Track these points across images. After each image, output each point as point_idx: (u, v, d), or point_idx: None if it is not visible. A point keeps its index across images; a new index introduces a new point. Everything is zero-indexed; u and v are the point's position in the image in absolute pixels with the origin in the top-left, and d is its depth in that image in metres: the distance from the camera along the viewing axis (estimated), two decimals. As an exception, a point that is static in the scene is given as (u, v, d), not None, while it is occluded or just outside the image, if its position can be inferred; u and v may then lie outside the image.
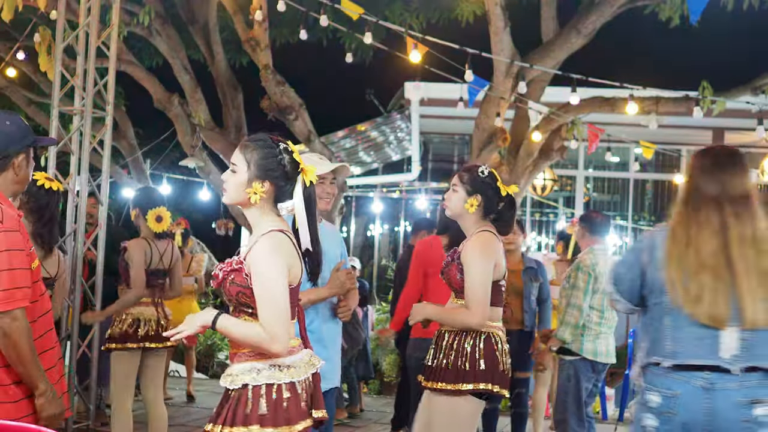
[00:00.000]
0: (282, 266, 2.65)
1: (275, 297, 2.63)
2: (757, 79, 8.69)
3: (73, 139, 6.50)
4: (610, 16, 8.87)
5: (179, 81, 10.52)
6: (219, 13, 10.44)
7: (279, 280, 2.64)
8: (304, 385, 2.73)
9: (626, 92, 8.53)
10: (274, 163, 2.75)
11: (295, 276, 2.75)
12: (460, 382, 3.67)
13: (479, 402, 3.76)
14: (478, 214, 3.81)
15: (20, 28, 9.38)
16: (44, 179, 4.42)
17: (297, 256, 2.76)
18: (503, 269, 3.84)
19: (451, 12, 10.51)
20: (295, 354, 2.74)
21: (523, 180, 9.60)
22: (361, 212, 18.31)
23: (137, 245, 5.15)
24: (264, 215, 2.78)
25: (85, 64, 6.54)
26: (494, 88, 8.84)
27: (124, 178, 12.11)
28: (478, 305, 3.67)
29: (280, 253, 2.67)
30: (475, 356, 3.69)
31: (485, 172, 3.82)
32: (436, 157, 16.84)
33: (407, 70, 9.46)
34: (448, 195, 3.89)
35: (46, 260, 4.41)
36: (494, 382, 3.69)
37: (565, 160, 12.89)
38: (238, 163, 2.77)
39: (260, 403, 2.65)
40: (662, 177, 16.26)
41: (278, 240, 2.70)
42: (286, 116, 9.53)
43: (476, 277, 3.69)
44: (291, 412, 2.66)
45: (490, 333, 3.74)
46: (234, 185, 2.77)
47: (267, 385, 2.66)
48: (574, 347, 5.47)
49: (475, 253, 3.72)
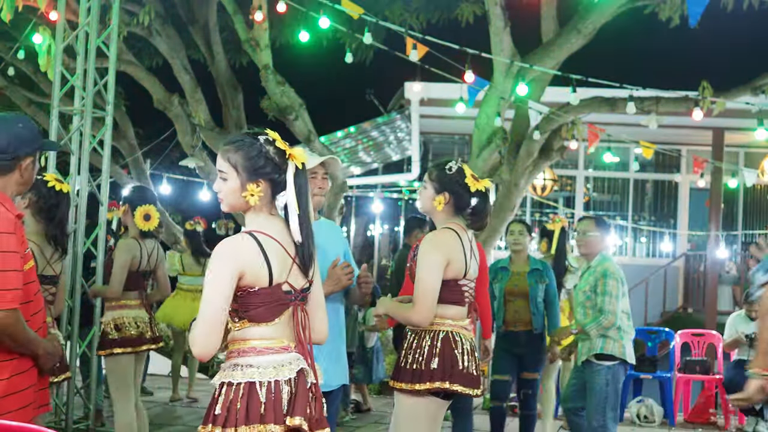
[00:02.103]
0: (225, 271, 2.58)
1: (205, 301, 2.58)
2: (757, 79, 8.69)
3: (73, 139, 6.50)
4: (610, 16, 8.86)
5: (179, 81, 10.52)
6: (219, 13, 10.45)
7: (213, 285, 2.57)
8: (271, 387, 2.60)
9: (626, 92, 8.52)
10: (261, 160, 2.67)
11: (256, 279, 2.64)
12: (416, 381, 3.61)
13: (440, 402, 3.68)
14: (448, 211, 3.75)
15: (20, 28, 9.38)
16: (54, 180, 4.43)
17: (262, 257, 2.64)
18: (462, 267, 3.70)
19: (451, 12, 10.51)
20: (266, 355, 2.64)
21: (523, 180, 9.59)
22: (361, 212, 18.33)
23: (125, 246, 5.13)
24: (255, 217, 2.72)
25: (85, 64, 6.54)
26: (494, 88, 8.84)
27: (124, 178, 12.10)
28: (420, 303, 3.60)
29: (227, 260, 2.59)
30: (432, 355, 3.61)
31: (453, 168, 3.75)
32: (436, 157, 16.80)
33: (407, 70, 9.46)
34: (419, 192, 3.86)
35: (55, 259, 4.41)
36: (452, 381, 3.59)
37: (565, 160, 12.92)
38: (225, 169, 2.69)
39: (217, 402, 2.61)
40: (662, 177, 16.27)
41: (234, 244, 2.64)
42: (286, 116, 9.53)
43: (421, 274, 3.62)
44: (241, 414, 2.55)
45: (450, 332, 3.65)
46: (228, 193, 2.70)
47: (227, 384, 2.62)
48: (617, 351, 5.38)
49: (423, 249, 3.66)
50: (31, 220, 4.34)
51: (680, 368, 8.63)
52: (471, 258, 3.76)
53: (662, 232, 16.51)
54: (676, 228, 16.24)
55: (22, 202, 4.34)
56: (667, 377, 8.37)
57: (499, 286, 6.29)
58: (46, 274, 4.30)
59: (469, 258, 3.74)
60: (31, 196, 4.33)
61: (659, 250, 16.46)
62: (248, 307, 2.64)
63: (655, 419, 8.17)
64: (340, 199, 10.26)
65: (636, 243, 16.72)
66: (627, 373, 5.61)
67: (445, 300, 3.67)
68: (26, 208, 4.34)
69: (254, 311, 2.65)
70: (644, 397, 8.36)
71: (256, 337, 2.65)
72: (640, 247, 16.73)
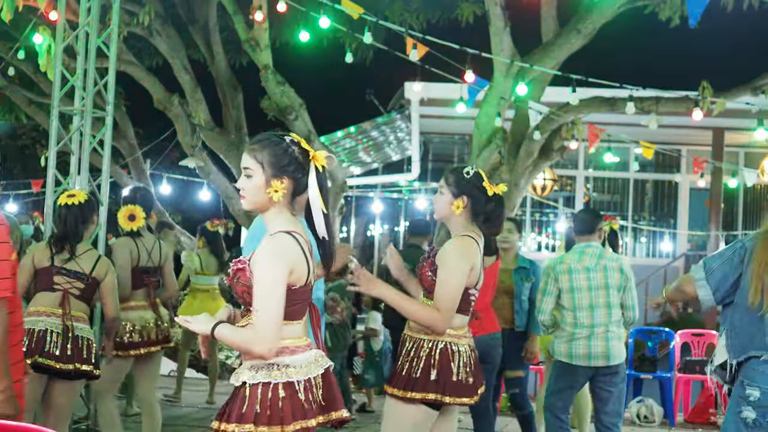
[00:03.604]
0: (280, 271, 2.66)
1: (268, 302, 2.64)
2: (757, 79, 8.69)
3: (73, 139, 6.49)
4: (610, 16, 8.87)
5: (179, 81, 10.53)
6: (219, 13, 10.45)
7: (275, 286, 2.65)
8: (307, 385, 2.70)
9: (626, 92, 8.52)
10: (286, 158, 2.76)
11: (300, 276, 2.73)
12: (409, 389, 3.60)
13: (429, 411, 3.66)
14: (466, 215, 3.73)
15: (20, 28, 9.38)
16: (65, 198, 4.66)
17: (303, 256, 2.74)
18: (477, 277, 3.72)
19: (451, 12, 10.51)
20: (298, 354, 2.73)
21: (523, 180, 9.59)
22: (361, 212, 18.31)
23: (118, 245, 5.21)
24: (279, 215, 2.78)
25: (85, 64, 6.53)
26: (494, 88, 8.84)
27: (124, 178, 12.10)
28: (446, 311, 3.58)
29: (280, 256, 2.67)
30: (429, 365, 3.60)
31: (470, 172, 3.74)
32: (436, 157, 16.85)
33: (407, 70, 9.46)
34: (435, 198, 3.84)
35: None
36: (445, 393, 3.59)
37: (565, 160, 12.92)
38: (252, 166, 2.76)
39: (255, 401, 2.65)
40: (662, 177, 16.26)
41: (282, 243, 2.70)
42: (286, 116, 9.54)
43: (450, 280, 3.59)
44: (285, 411, 2.63)
45: (449, 343, 3.64)
46: (252, 189, 2.76)
47: (263, 383, 2.67)
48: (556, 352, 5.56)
49: (455, 255, 3.62)
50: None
51: (680, 368, 8.63)
52: (482, 267, 3.77)
53: (662, 232, 16.51)
54: (676, 228, 16.24)
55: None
56: (667, 377, 8.37)
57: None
58: (69, 268, 4.56)
59: (481, 267, 3.76)
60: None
61: (659, 250, 16.46)
62: (288, 304, 2.71)
63: (655, 419, 8.17)
64: (340, 199, 10.27)
65: (636, 243, 16.72)
66: (584, 374, 5.51)
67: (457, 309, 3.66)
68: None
69: (291, 308, 2.73)
70: (644, 397, 8.36)
71: (288, 336, 2.73)
72: (640, 247, 16.73)
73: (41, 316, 4.47)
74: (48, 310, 4.49)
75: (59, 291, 4.54)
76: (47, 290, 4.54)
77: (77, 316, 4.55)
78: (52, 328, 4.45)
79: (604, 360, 5.34)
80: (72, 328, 4.49)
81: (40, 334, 4.41)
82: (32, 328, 4.38)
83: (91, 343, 4.58)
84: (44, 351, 4.38)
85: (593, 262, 5.45)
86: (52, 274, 4.55)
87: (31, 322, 4.39)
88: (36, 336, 4.39)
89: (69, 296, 4.54)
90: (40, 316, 4.47)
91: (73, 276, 4.56)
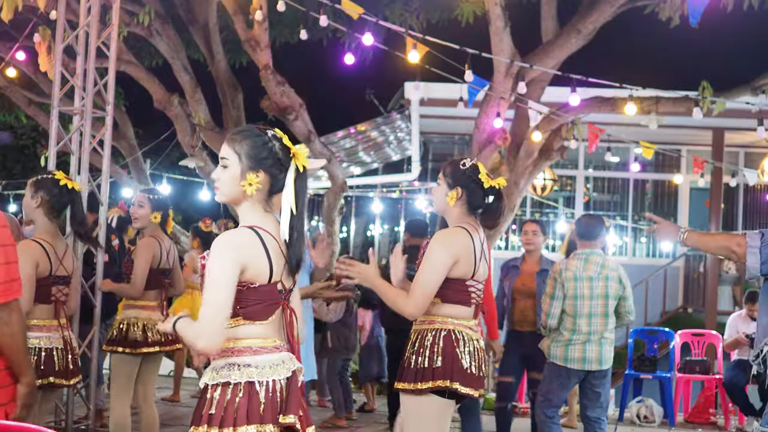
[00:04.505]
0: (229, 265, 2.55)
1: (212, 296, 2.54)
2: (757, 79, 8.69)
3: (73, 139, 6.50)
4: (610, 16, 8.87)
5: (179, 81, 10.52)
6: (219, 13, 10.43)
7: (220, 279, 2.54)
8: (269, 387, 2.60)
9: (626, 92, 8.53)
10: (265, 151, 2.67)
11: (258, 274, 2.62)
12: (418, 381, 3.58)
13: (445, 401, 3.63)
14: (461, 208, 3.71)
15: (20, 28, 9.38)
16: (65, 179, 4.41)
17: (264, 253, 2.63)
18: (471, 268, 3.66)
19: (451, 12, 10.50)
20: (262, 354, 2.63)
21: (523, 180, 9.59)
22: (361, 212, 18.33)
23: (147, 243, 5.11)
24: (251, 211, 2.70)
25: (85, 64, 6.54)
26: (494, 88, 8.83)
27: (124, 178, 12.10)
28: (415, 296, 3.55)
29: (231, 251, 2.57)
30: (433, 353, 3.58)
31: (467, 164, 3.73)
32: (436, 157, 16.83)
33: (407, 70, 9.45)
34: (433, 190, 3.84)
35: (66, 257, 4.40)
36: (453, 380, 3.55)
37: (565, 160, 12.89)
38: (228, 156, 2.68)
39: (213, 402, 2.59)
40: (662, 177, 16.25)
41: (237, 237, 2.62)
42: (286, 116, 9.53)
43: (423, 268, 3.58)
44: (240, 413, 2.55)
45: (453, 330, 3.61)
46: (227, 180, 2.68)
47: (222, 384, 2.60)
48: (552, 355, 5.69)
49: (435, 244, 3.61)
50: (43, 220, 4.31)
51: (680, 368, 8.64)
52: (481, 259, 3.72)
53: (662, 232, 16.47)
54: (676, 228, 16.21)
55: (33, 202, 4.32)
56: (667, 377, 8.37)
57: (508, 284, 6.34)
58: (59, 274, 4.29)
59: (479, 259, 3.71)
60: (42, 195, 4.30)
61: (659, 250, 16.45)
62: (246, 303, 2.63)
63: (655, 419, 8.17)
64: (340, 199, 10.26)
65: (636, 243, 16.71)
66: (577, 376, 5.61)
67: (451, 300, 3.65)
68: (37, 207, 4.31)
69: (252, 308, 2.63)
70: (644, 397, 8.36)
71: (250, 336, 2.64)
72: (640, 247, 16.72)
73: (42, 331, 4.22)
74: (47, 323, 4.25)
75: (53, 302, 4.29)
76: (45, 303, 4.25)
77: (65, 324, 4.37)
78: (56, 344, 4.24)
79: (597, 364, 5.54)
80: (70, 339, 4.35)
81: (48, 353, 4.20)
82: (37, 346, 4.14)
83: (74, 351, 4.40)
84: (56, 371, 4.21)
85: (596, 272, 5.56)
86: (50, 285, 4.28)
87: (35, 339, 4.14)
88: (45, 355, 4.18)
89: (61, 305, 4.32)
90: (42, 331, 4.21)
91: (62, 282, 4.33)
